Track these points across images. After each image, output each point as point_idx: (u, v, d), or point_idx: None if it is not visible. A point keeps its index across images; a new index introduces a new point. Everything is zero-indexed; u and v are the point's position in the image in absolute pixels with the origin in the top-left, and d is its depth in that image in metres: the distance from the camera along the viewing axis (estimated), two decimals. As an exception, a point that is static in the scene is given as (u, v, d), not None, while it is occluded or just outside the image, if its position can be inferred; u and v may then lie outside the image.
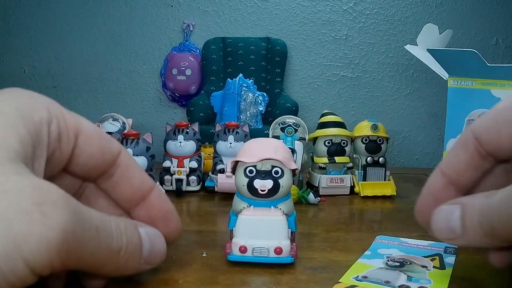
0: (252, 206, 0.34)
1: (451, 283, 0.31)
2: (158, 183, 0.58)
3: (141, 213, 0.29)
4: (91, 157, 0.26)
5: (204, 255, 0.37)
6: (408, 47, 0.60)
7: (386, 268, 0.33)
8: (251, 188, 0.33)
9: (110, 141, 0.28)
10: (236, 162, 0.35)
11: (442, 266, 0.34)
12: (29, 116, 0.23)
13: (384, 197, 0.60)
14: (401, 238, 0.41)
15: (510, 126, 0.25)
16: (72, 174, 0.27)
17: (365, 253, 0.37)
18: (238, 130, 0.60)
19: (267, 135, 0.68)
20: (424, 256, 0.36)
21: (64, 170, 0.26)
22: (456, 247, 0.38)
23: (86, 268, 0.23)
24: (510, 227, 0.23)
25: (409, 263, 0.34)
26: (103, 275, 0.26)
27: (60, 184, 0.26)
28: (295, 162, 0.37)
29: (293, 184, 0.41)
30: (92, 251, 0.22)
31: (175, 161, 0.60)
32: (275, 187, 0.33)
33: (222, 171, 0.59)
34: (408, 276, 0.32)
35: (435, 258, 0.36)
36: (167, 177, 0.61)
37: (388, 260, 0.35)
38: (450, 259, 0.35)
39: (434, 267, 0.34)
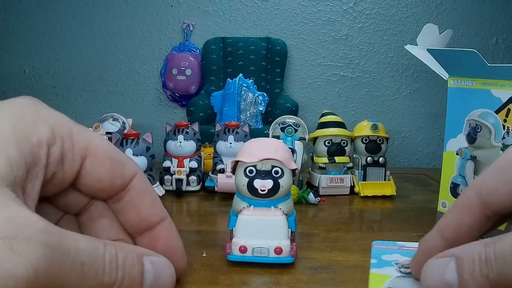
0: (252, 206, 0.34)
1: None
2: (158, 183, 0.58)
3: (144, 242, 0.28)
4: (99, 180, 0.25)
5: (204, 255, 0.37)
6: (408, 47, 0.60)
7: (404, 276, 0.33)
8: (251, 188, 0.33)
9: (124, 165, 0.26)
10: (236, 162, 0.35)
11: None
12: (26, 136, 0.22)
13: (384, 197, 0.60)
14: (398, 242, 0.41)
15: None
16: (79, 191, 0.26)
17: (371, 261, 0.37)
18: (238, 130, 0.60)
19: (267, 135, 0.68)
20: None
21: (70, 186, 0.26)
22: None
23: None
24: None
25: None
26: None
27: (65, 200, 0.26)
28: (295, 162, 0.37)
29: (293, 184, 0.41)
30: (76, 286, 0.20)
31: (175, 161, 0.60)
32: (275, 187, 0.33)
33: (222, 171, 0.59)
34: None
35: None
36: (167, 177, 0.60)
37: (400, 267, 0.35)
38: None
39: None
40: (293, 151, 0.59)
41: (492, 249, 0.22)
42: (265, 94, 1.07)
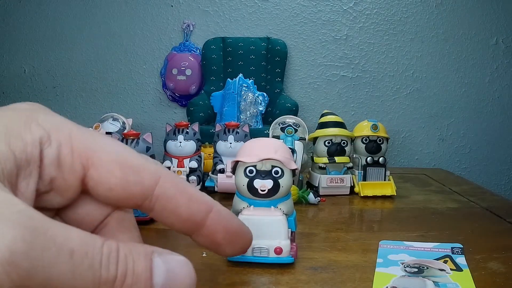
0: (252, 206, 0.34)
1: (476, 282, 0.31)
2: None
3: (200, 240, 0.25)
4: (110, 189, 0.23)
5: (204, 255, 0.37)
6: None
7: (408, 276, 0.33)
8: (251, 188, 0.33)
9: (140, 170, 0.24)
10: (236, 162, 0.35)
11: (458, 268, 0.34)
12: (18, 134, 0.21)
13: (384, 197, 0.60)
14: (405, 242, 0.41)
15: None
16: (97, 203, 0.25)
17: (377, 261, 0.37)
18: (238, 130, 0.60)
19: (267, 135, 0.68)
20: (435, 259, 0.36)
21: (89, 195, 0.24)
22: (462, 247, 0.38)
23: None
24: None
25: (426, 267, 0.34)
26: None
27: (83, 210, 0.24)
28: (295, 162, 0.37)
29: (293, 184, 0.41)
30: (66, 278, 0.19)
31: (175, 161, 0.60)
32: (275, 187, 0.33)
33: (222, 171, 0.59)
34: (433, 281, 0.32)
35: (447, 260, 0.36)
36: (167, 177, 0.60)
37: (405, 267, 0.35)
38: (460, 260, 0.35)
39: (451, 269, 0.34)
40: (293, 151, 0.58)
41: None
42: (265, 94, 1.07)
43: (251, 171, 0.33)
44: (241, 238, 0.26)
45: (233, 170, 0.35)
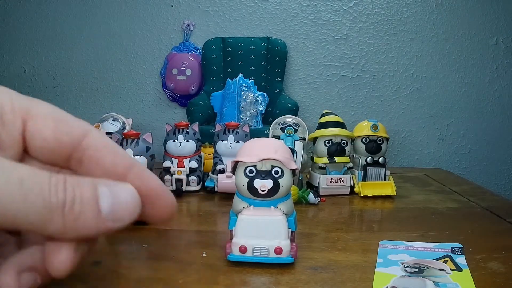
0: (252, 206, 0.34)
1: (476, 282, 0.31)
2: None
3: None
4: (45, 140, 0.25)
5: (204, 255, 0.37)
6: None
7: (409, 276, 0.33)
8: (251, 188, 0.33)
9: (71, 123, 0.26)
10: (236, 162, 0.35)
11: (458, 268, 0.34)
12: None
13: (384, 197, 0.60)
14: (405, 242, 0.41)
15: None
16: (38, 160, 0.26)
17: (377, 261, 0.37)
18: (238, 130, 0.60)
19: (267, 135, 0.68)
20: (435, 259, 0.36)
21: (29, 156, 0.26)
22: (462, 247, 0.38)
23: (25, 227, 0.21)
24: None
25: (426, 267, 0.34)
26: (52, 235, 0.23)
27: None
28: (295, 162, 0.37)
29: (293, 184, 0.41)
30: (20, 206, 0.21)
31: (175, 161, 0.60)
32: (275, 187, 0.33)
33: (222, 171, 0.59)
34: (433, 281, 0.32)
35: (447, 260, 0.36)
36: (167, 177, 0.60)
37: (405, 267, 0.35)
38: (460, 260, 0.36)
39: (451, 269, 0.34)
40: (293, 151, 0.58)
41: None
42: (265, 94, 1.07)
43: (251, 171, 0.33)
44: (161, 199, 0.27)
45: (233, 170, 0.35)
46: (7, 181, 0.20)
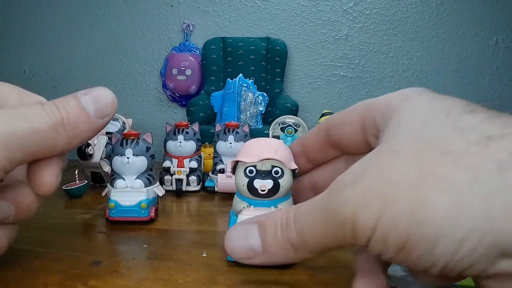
0: (252, 206, 0.34)
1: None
2: (158, 183, 0.58)
3: None
4: None
5: (204, 255, 0.37)
6: None
7: (408, 275, 0.33)
8: (251, 188, 0.33)
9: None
10: (236, 162, 0.35)
11: None
12: None
13: (384, 197, 0.60)
14: None
15: (352, 127, 0.29)
16: None
17: None
18: (238, 130, 0.60)
19: (267, 135, 0.68)
20: None
21: None
22: None
23: (40, 154, 0.25)
24: (317, 234, 0.24)
25: None
26: (62, 151, 0.27)
27: None
28: (295, 162, 0.37)
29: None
30: (35, 137, 0.24)
31: (175, 161, 0.60)
32: (275, 187, 0.33)
33: (222, 171, 0.59)
34: None
35: None
36: (167, 177, 0.60)
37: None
38: None
39: None
40: (293, 151, 0.58)
41: (292, 214, 0.25)
42: (265, 94, 1.07)
43: (251, 171, 0.33)
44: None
45: (233, 170, 0.35)
46: (16, 123, 0.24)
